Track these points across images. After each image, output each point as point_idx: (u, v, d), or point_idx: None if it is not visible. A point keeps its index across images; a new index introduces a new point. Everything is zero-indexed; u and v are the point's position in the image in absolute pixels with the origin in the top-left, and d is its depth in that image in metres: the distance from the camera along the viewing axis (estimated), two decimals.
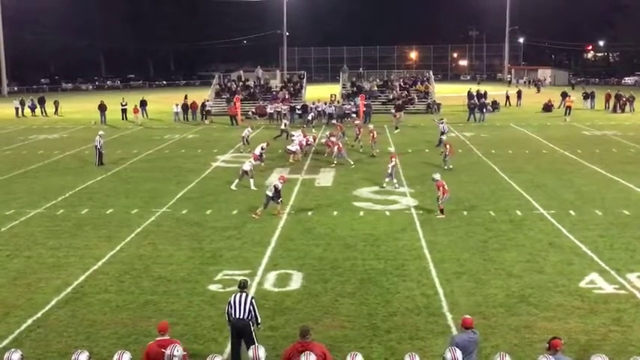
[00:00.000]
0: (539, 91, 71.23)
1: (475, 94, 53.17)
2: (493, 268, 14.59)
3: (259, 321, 10.20)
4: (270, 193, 18.86)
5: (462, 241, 16.66)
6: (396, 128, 39.50)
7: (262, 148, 26.41)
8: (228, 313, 10.20)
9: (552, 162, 27.97)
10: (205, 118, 46.28)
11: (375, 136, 30.46)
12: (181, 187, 23.41)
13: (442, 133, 32.31)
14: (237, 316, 10.00)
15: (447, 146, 26.47)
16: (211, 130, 41.39)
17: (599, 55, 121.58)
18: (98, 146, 28.26)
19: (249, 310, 9.98)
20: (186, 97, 50.11)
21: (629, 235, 16.89)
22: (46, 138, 38.38)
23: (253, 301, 10.12)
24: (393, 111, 43.31)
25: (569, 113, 45.69)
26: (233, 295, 10.22)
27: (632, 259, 15.03)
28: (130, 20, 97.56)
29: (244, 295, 10.14)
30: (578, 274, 14.04)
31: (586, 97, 54.62)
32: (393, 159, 23.23)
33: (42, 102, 54.44)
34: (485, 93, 54.58)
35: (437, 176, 19.38)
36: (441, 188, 18.81)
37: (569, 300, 12.70)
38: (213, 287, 13.63)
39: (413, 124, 42.51)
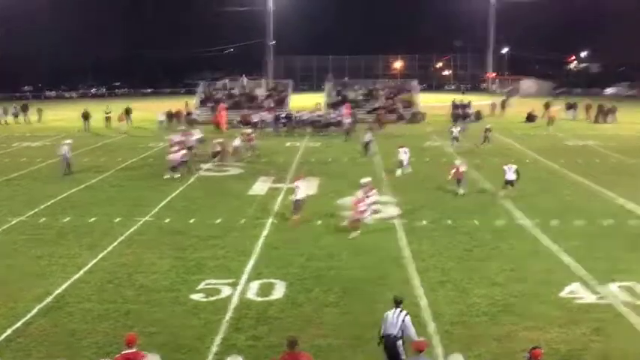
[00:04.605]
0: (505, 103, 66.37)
1: (459, 104, 53.61)
2: (477, 277, 14.66)
3: (414, 335, 10.03)
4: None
5: (446, 250, 16.73)
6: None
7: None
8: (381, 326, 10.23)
9: (535, 172, 28.14)
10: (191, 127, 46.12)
11: (252, 139, 32.24)
12: (165, 196, 23.30)
13: (366, 144, 33.07)
14: (388, 332, 10.01)
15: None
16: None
17: (582, 65, 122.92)
18: (67, 155, 27.85)
19: (400, 327, 9.96)
20: (187, 104, 50.04)
21: (611, 245, 17.03)
22: (28, 146, 38.06)
23: (407, 318, 10.08)
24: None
25: (552, 123, 46.09)
26: (391, 311, 10.21)
27: (613, 269, 15.13)
28: (117, 28, 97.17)
29: (398, 310, 10.16)
30: (560, 284, 14.13)
31: (569, 107, 55.12)
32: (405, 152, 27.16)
33: (25, 110, 54.10)
34: (470, 103, 54.98)
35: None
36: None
37: (550, 309, 12.78)
38: (195, 297, 13.57)
39: (400, 133, 42.63)
